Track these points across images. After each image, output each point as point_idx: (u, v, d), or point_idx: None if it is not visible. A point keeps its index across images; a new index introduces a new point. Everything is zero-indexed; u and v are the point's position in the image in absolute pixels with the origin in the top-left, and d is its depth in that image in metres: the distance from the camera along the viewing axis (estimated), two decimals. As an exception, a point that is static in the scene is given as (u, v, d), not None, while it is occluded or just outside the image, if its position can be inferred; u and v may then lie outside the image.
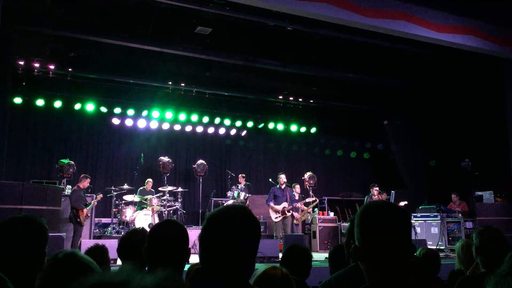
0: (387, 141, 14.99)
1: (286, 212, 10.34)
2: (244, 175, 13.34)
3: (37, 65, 11.06)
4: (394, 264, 1.50)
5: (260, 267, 2.35)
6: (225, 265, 1.49)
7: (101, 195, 10.42)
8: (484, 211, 10.79)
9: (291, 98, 14.28)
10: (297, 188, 11.33)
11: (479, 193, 11.53)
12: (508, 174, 10.86)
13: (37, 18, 9.32)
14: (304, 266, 3.43)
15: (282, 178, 10.66)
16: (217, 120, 13.97)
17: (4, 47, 9.29)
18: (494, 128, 11.65)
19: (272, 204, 10.43)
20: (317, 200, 11.45)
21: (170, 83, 12.74)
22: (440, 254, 9.97)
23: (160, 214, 11.28)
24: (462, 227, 10.91)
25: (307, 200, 11.12)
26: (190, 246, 2.25)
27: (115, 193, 11.23)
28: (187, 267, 2.61)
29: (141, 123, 13.27)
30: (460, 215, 11.30)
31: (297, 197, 11.11)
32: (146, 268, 2.13)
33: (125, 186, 11.42)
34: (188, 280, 1.56)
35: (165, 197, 11.56)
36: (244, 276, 1.53)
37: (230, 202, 12.22)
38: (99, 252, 3.48)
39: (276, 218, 10.39)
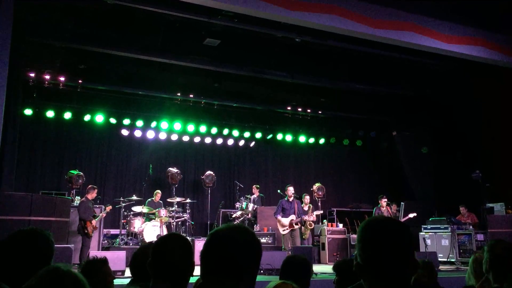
0: (396, 153, 14.91)
1: (293, 224, 10.26)
2: (258, 186, 13.32)
3: (47, 76, 11.17)
4: (396, 281, 1.48)
5: (270, 279, 2.33)
6: (226, 282, 1.48)
7: (110, 207, 10.43)
8: (496, 223, 10.65)
9: (299, 109, 14.29)
10: (307, 198, 11.25)
11: (490, 205, 11.40)
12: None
13: (47, 31, 9.43)
14: (304, 276, 3.35)
15: (290, 190, 10.57)
16: (226, 131, 14.00)
17: (15, 59, 9.37)
18: (505, 139, 11.55)
19: (279, 217, 10.35)
20: (314, 215, 11.15)
21: (179, 94, 12.81)
22: (451, 267, 9.92)
23: (168, 226, 11.26)
24: (473, 239, 10.76)
25: (315, 213, 11.02)
26: (197, 257, 2.23)
27: (123, 204, 11.22)
28: (194, 279, 2.59)
29: (150, 134, 13.33)
30: (471, 227, 11.16)
31: (306, 208, 11.03)
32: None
33: (134, 197, 11.43)
34: None
35: (173, 208, 11.54)
36: None
37: (239, 213, 12.19)
38: (93, 266, 3.40)
39: (283, 230, 10.32)
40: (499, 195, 11.43)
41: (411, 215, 11.23)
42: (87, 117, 12.44)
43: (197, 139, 13.96)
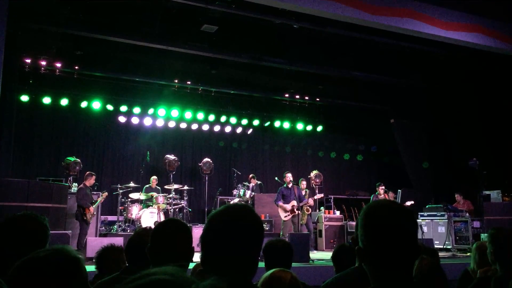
0: (394, 141, 14.91)
1: (295, 210, 10.28)
2: (253, 175, 13.33)
3: (43, 63, 11.10)
4: (399, 266, 1.46)
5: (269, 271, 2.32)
6: (226, 266, 1.45)
7: (106, 194, 10.44)
8: (492, 211, 10.71)
9: (297, 97, 14.25)
10: (303, 184, 11.21)
11: (487, 192, 11.45)
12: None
13: (43, 17, 9.35)
14: (286, 261, 3.29)
15: (289, 177, 10.58)
16: (223, 118, 13.97)
17: (11, 45, 9.30)
18: (502, 126, 11.58)
19: (281, 203, 10.36)
20: (311, 200, 11.11)
21: (176, 81, 12.74)
22: (447, 254, 9.99)
23: (166, 212, 11.28)
24: (470, 226, 10.83)
25: (316, 197, 11.05)
26: (195, 244, 2.23)
27: (121, 191, 11.24)
28: (191, 265, 2.60)
29: (147, 121, 13.29)
30: (467, 214, 11.23)
31: (303, 193, 11.01)
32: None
33: (131, 184, 11.44)
34: None
35: (171, 195, 11.56)
36: (247, 277, 1.49)
37: (236, 200, 12.20)
38: (116, 252, 3.49)
39: (285, 216, 10.33)
40: (495, 183, 11.48)
41: (409, 203, 11.28)
42: (84, 104, 12.38)
43: (194, 126, 13.93)
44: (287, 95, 14.18)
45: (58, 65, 11.33)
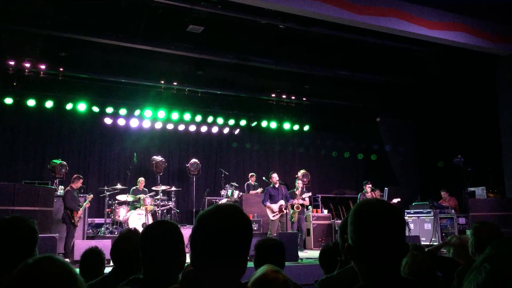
0: (380, 139, 15.00)
1: (283, 210, 10.31)
2: (253, 173, 13.37)
3: (28, 65, 10.98)
4: (388, 263, 1.50)
5: (260, 268, 2.31)
6: (216, 266, 1.46)
7: (91, 196, 10.36)
8: (477, 207, 10.82)
9: (284, 96, 14.28)
10: (299, 183, 11.18)
11: (472, 189, 11.59)
12: (500, 170, 10.96)
13: (27, 18, 9.25)
14: (279, 259, 3.24)
15: (275, 177, 10.59)
16: (210, 119, 13.93)
17: (-6, 47, 9.23)
18: (487, 124, 11.73)
19: (268, 204, 10.39)
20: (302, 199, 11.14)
21: (162, 82, 12.70)
22: (434, 250, 10.05)
23: (153, 214, 11.24)
24: (455, 223, 10.96)
25: (304, 195, 11.04)
26: (184, 245, 2.23)
27: (108, 193, 11.16)
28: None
29: (134, 123, 13.20)
30: (453, 211, 11.36)
31: (297, 192, 10.99)
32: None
33: (118, 186, 11.37)
34: (179, 283, 1.53)
35: (158, 197, 11.52)
36: (236, 277, 1.51)
37: (224, 200, 12.20)
38: (96, 255, 3.53)
39: (273, 216, 10.37)
40: (480, 179, 11.62)
41: (395, 200, 11.38)
42: (69, 106, 12.25)
43: (181, 127, 13.88)
44: (273, 95, 14.21)
45: (43, 67, 11.23)
